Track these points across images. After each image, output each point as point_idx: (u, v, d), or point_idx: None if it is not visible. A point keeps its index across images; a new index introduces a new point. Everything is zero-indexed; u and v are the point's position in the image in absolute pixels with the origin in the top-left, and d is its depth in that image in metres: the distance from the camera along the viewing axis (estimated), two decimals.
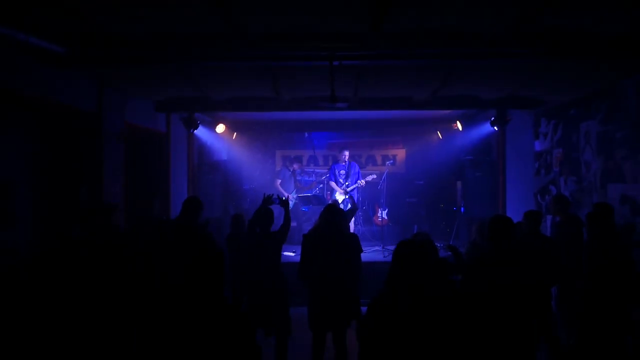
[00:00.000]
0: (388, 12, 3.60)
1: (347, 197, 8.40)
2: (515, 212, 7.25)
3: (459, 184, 9.46)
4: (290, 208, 5.56)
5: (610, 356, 3.74)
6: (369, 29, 4.01)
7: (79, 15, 3.72)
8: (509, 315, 3.15)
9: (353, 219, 7.98)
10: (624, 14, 3.72)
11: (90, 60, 4.71)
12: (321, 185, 9.77)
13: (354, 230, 8.41)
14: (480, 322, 3.08)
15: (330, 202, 8.08)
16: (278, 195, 4.99)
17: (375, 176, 8.91)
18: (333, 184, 8.79)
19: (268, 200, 4.79)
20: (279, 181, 9.37)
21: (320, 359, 4.28)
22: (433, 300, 2.45)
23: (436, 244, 3.87)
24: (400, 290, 2.47)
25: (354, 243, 4.46)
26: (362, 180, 8.59)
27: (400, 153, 11.14)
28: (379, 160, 11.06)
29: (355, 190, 8.57)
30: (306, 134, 11.01)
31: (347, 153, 8.77)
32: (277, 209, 4.85)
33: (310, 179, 10.37)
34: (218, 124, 9.12)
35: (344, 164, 8.73)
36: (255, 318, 4.29)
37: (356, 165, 8.96)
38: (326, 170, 9.97)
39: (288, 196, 8.84)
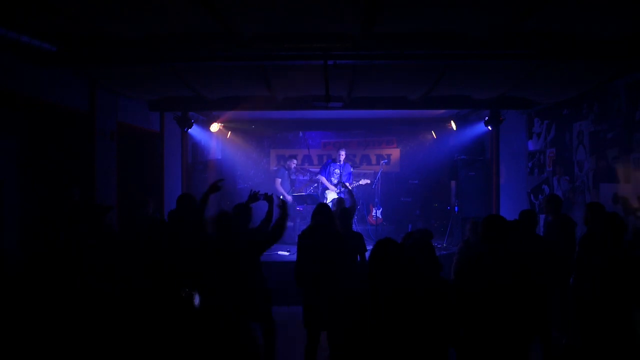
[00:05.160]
0: (381, 13, 3.61)
1: (339, 195, 8.40)
2: (508, 211, 7.29)
3: (453, 183, 9.48)
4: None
5: (613, 355, 3.74)
6: (362, 29, 4.02)
7: (71, 15, 3.69)
8: (503, 315, 3.16)
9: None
10: (615, 16, 3.74)
11: (81, 59, 4.69)
12: (315, 185, 9.78)
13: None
14: (474, 322, 3.09)
15: (324, 201, 8.08)
16: (266, 193, 4.90)
17: (368, 181, 8.94)
18: (324, 179, 8.79)
19: (254, 197, 4.72)
20: (279, 180, 9.13)
21: (314, 357, 4.28)
22: (411, 299, 2.46)
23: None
24: (377, 289, 2.47)
25: (353, 242, 4.44)
26: (348, 184, 8.54)
27: (395, 152, 11.15)
28: (373, 159, 11.07)
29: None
30: (301, 134, 11.01)
31: (343, 153, 8.80)
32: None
33: (305, 177, 10.36)
34: (212, 123, 9.09)
35: (339, 163, 8.76)
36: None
37: (349, 166, 8.98)
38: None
39: (284, 196, 8.77)
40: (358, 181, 8.82)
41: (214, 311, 2.62)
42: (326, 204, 4.56)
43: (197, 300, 3.22)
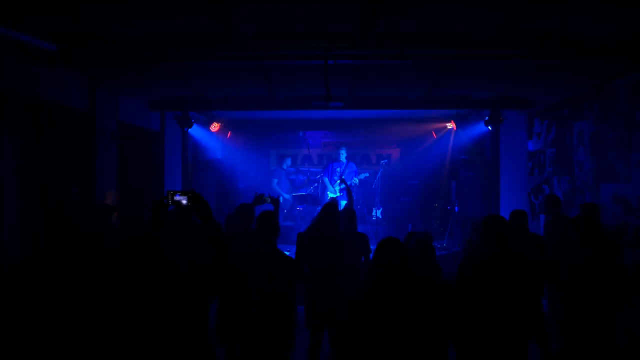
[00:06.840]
0: (380, 13, 3.61)
1: (339, 194, 8.40)
2: (508, 211, 7.27)
3: (453, 183, 9.49)
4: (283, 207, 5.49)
5: (600, 357, 3.76)
6: (362, 29, 4.02)
7: (72, 15, 3.69)
8: (503, 315, 3.16)
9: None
10: (615, 16, 3.74)
11: (82, 59, 4.69)
12: (316, 185, 9.78)
13: None
14: (474, 322, 3.09)
15: (326, 201, 8.07)
16: (269, 194, 4.94)
17: (367, 174, 8.95)
18: (326, 180, 8.82)
19: (259, 199, 4.76)
20: (275, 181, 9.30)
21: (317, 357, 4.29)
22: (414, 300, 2.46)
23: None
24: (380, 288, 2.47)
25: (357, 243, 4.44)
26: (356, 178, 8.62)
27: (395, 152, 11.16)
28: (373, 159, 11.07)
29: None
30: (301, 133, 11.01)
31: (344, 152, 8.81)
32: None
33: (304, 177, 10.37)
34: (212, 122, 9.09)
35: (340, 162, 8.77)
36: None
37: (353, 164, 8.99)
38: (321, 169, 9.97)
39: (280, 196, 8.81)
40: (358, 177, 8.85)
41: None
42: (333, 204, 4.57)
43: None
